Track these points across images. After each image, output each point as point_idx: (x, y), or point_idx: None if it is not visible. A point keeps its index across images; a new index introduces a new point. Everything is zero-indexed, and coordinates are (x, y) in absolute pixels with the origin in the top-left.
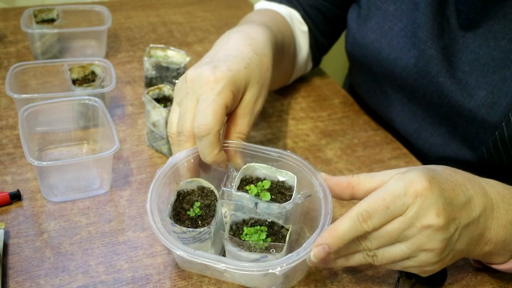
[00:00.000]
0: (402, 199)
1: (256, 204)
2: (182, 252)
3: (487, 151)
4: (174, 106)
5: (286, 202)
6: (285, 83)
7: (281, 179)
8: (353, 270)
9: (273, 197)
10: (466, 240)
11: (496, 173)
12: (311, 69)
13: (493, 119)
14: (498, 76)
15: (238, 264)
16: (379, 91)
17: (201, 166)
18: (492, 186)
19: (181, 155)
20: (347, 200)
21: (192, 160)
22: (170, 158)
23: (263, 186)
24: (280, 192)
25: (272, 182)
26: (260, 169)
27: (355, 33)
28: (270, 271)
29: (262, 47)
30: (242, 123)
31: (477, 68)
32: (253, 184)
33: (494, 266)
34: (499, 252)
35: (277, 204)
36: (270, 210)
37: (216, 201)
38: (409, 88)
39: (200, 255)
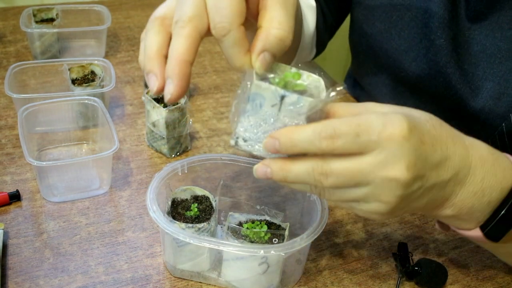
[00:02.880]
0: (376, 135)
1: (282, 98)
2: (185, 235)
3: (493, 143)
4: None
5: (323, 96)
6: (288, 59)
7: (303, 82)
8: (353, 271)
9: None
10: (426, 200)
11: None
12: (315, 56)
13: (500, 110)
14: (505, 67)
15: (243, 246)
16: (383, 84)
17: None
18: (476, 149)
19: (179, 49)
20: None
21: (186, 171)
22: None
23: (292, 77)
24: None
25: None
26: (283, 69)
27: (362, 23)
28: (272, 252)
29: None
30: (276, 15)
31: (484, 60)
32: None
33: (460, 231)
34: (464, 218)
35: (309, 98)
36: (300, 108)
37: (212, 207)
38: (415, 80)
39: (203, 239)
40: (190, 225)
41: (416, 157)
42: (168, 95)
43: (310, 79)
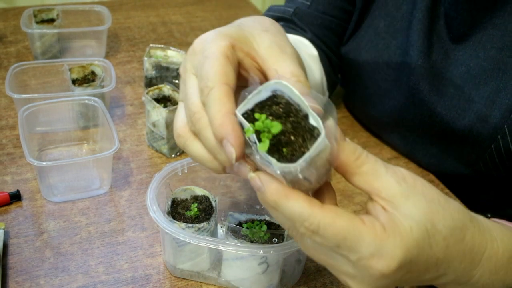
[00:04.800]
0: (355, 258)
1: (255, 144)
2: (185, 235)
3: (484, 165)
4: (179, 105)
5: (289, 165)
6: None
7: (311, 122)
8: None
9: (291, 137)
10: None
11: (494, 185)
12: (329, 95)
13: (488, 132)
14: (490, 87)
15: (243, 245)
16: (370, 114)
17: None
18: (496, 249)
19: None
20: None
21: (186, 171)
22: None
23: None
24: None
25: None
26: (287, 92)
27: (348, 52)
28: (272, 252)
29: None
30: (287, 66)
31: (469, 81)
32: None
33: None
34: None
35: (275, 161)
36: (267, 162)
37: (212, 207)
38: (400, 109)
39: (203, 238)
40: (190, 225)
41: (389, 285)
42: (231, 155)
43: (319, 125)
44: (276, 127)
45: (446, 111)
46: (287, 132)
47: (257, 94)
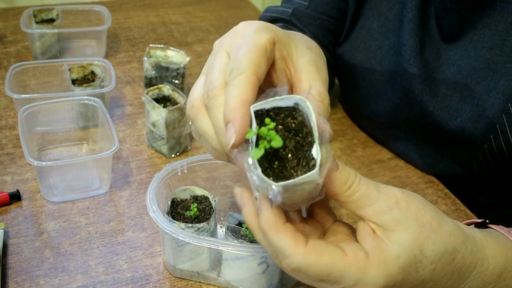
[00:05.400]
0: (343, 283)
1: (251, 148)
2: (185, 235)
3: (478, 165)
4: (200, 77)
5: (278, 182)
6: None
7: (314, 153)
8: None
9: (290, 153)
10: None
11: (488, 185)
12: None
13: (481, 132)
14: (482, 87)
15: (243, 245)
16: (364, 115)
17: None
18: (486, 266)
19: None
20: None
21: (185, 171)
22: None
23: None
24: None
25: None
26: (306, 111)
27: (343, 54)
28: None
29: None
30: (315, 84)
31: (461, 81)
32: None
33: None
34: None
35: (271, 181)
36: (251, 169)
37: (211, 207)
38: (394, 109)
39: (202, 239)
40: (190, 225)
41: None
42: (230, 140)
43: (318, 158)
44: (278, 142)
45: (438, 111)
46: (288, 149)
47: (280, 100)
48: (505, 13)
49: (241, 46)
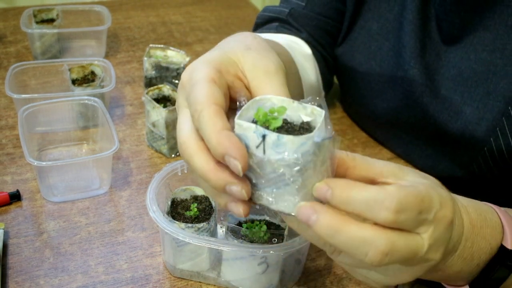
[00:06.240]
0: (433, 214)
1: (263, 137)
2: (185, 235)
3: (478, 167)
4: (181, 112)
5: (305, 135)
6: None
7: (305, 119)
8: None
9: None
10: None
11: (488, 187)
12: (324, 96)
13: (481, 135)
14: (482, 90)
15: (243, 245)
16: (365, 115)
17: None
18: (468, 214)
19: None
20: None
21: (185, 171)
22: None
23: (275, 113)
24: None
25: (289, 122)
26: (277, 103)
27: (342, 55)
28: (271, 252)
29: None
30: (267, 87)
31: (461, 84)
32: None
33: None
34: (452, 278)
35: (291, 136)
36: (280, 148)
37: (211, 207)
38: (393, 111)
39: (202, 239)
40: (190, 225)
41: (448, 242)
42: (237, 168)
43: (316, 113)
44: (277, 121)
45: (439, 113)
46: (290, 127)
47: (246, 110)
48: (504, 16)
49: (191, 90)
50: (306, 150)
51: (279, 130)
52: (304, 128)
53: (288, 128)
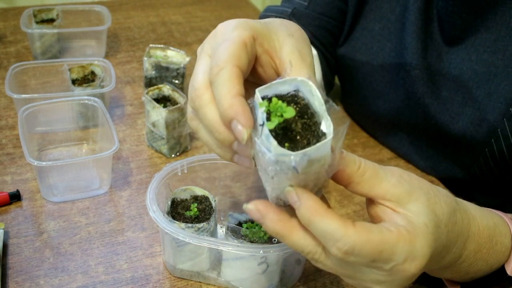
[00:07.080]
0: (390, 266)
1: (263, 123)
2: (185, 235)
3: (479, 168)
4: (201, 58)
5: (287, 152)
6: None
7: (323, 129)
8: None
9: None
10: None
11: (489, 188)
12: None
13: (482, 136)
14: (483, 91)
15: (243, 245)
16: (366, 115)
17: None
18: (472, 241)
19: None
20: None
21: (185, 171)
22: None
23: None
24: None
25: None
26: (314, 94)
27: (344, 54)
28: (271, 252)
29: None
30: (302, 73)
31: (462, 85)
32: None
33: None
34: (455, 278)
35: (276, 143)
36: (267, 145)
37: (211, 207)
38: (395, 112)
39: (202, 239)
40: (190, 225)
41: (426, 265)
42: (242, 136)
43: (328, 132)
44: (290, 112)
45: (440, 114)
46: (295, 131)
47: (281, 84)
48: (506, 17)
49: (220, 44)
50: (283, 162)
51: (283, 126)
52: (315, 136)
53: (296, 128)
